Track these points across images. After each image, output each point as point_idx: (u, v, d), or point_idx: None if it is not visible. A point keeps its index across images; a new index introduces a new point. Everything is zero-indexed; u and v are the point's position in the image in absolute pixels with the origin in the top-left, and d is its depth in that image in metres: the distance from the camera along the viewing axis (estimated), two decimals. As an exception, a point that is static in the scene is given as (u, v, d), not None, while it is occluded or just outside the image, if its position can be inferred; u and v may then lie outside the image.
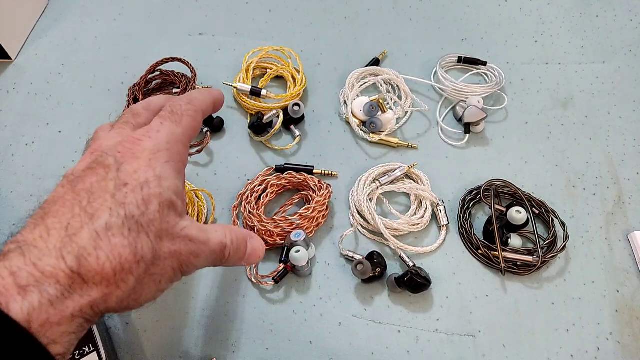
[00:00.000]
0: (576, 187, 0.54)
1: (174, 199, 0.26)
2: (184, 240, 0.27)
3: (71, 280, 0.22)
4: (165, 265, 0.26)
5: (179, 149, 0.29)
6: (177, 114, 0.30)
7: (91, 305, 0.23)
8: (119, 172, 0.25)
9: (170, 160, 0.27)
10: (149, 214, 0.25)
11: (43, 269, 0.22)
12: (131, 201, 0.24)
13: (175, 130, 0.29)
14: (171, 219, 0.26)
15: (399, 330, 0.45)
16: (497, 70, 0.62)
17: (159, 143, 0.27)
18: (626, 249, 0.50)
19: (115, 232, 0.23)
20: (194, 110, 0.31)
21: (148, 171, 0.26)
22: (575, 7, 0.69)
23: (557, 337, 0.45)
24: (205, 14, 0.68)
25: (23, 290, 0.21)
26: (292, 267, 0.46)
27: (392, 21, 0.68)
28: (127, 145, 0.27)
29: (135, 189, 0.25)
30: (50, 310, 0.21)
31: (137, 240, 0.24)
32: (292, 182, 0.52)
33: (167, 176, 0.27)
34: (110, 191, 0.24)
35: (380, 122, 0.56)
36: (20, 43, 0.65)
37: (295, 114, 0.56)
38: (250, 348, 0.44)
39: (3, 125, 0.58)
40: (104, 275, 0.23)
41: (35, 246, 0.23)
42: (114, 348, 0.44)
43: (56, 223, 0.23)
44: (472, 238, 0.49)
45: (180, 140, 0.29)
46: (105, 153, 0.26)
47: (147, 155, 0.27)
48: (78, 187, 0.25)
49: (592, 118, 0.59)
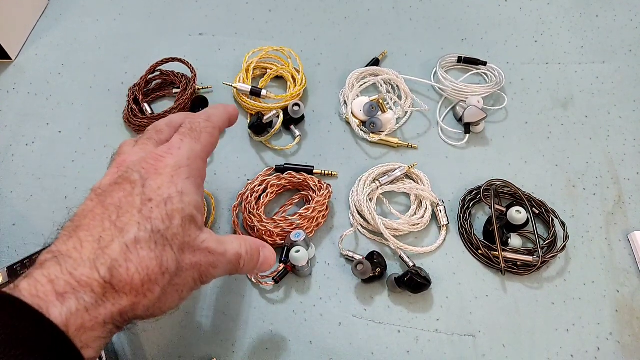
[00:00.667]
0: (576, 187, 0.54)
1: (194, 213, 0.28)
2: (203, 252, 0.29)
3: (104, 289, 0.24)
4: (187, 275, 0.28)
5: (198, 165, 0.30)
6: (196, 131, 0.31)
7: (121, 312, 0.25)
8: (144, 187, 0.27)
9: (190, 176, 0.29)
10: (172, 228, 0.26)
11: (79, 279, 0.23)
12: (157, 216, 0.26)
13: (194, 147, 0.30)
14: (192, 233, 0.28)
15: (399, 330, 0.45)
16: (497, 70, 0.62)
17: (180, 160, 0.29)
18: (626, 249, 0.50)
19: (143, 246, 0.25)
20: (211, 127, 0.33)
21: (171, 187, 0.27)
22: (575, 7, 0.69)
23: (557, 337, 0.45)
24: (205, 14, 0.68)
25: (61, 296, 0.23)
26: (292, 267, 0.46)
27: (392, 21, 0.68)
28: (151, 161, 0.28)
29: (160, 205, 0.26)
30: (85, 316, 0.23)
31: (162, 253, 0.26)
32: (292, 182, 0.52)
33: (188, 192, 0.28)
34: (137, 206, 0.26)
35: (380, 122, 0.56)
36: (20, 43, 0.65)
37: (295, 114, 0.56)
38: (250, 348, 0.44)
39: (3, 125, 0.58)
40: (133, 286, 0.25)
41: (70, 257, 0.24)
42: (114, 348, 0.44)
43: (88, 236, 0.25)
44: (472, 238, 0.49)
45: (199, 156, 0.31)
46: (131, 169, 0.28)
47: (169, 171, 0.28)
48: (107, 202, 0.27)
49: (592, 118, 0.59)
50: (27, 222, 0.51)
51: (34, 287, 0.23)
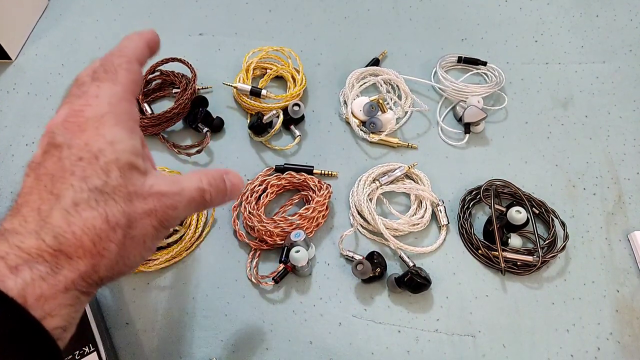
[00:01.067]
0: (576, 187, 0.54)
1: (132, 159, 0.27)
2: (155, 196, 0.27)
3: (56, 257, 0.23)
4: (144, 224, 0.27)
5: (124, 108, 0.28)
6: (110, 71, 0.29)
7: (82, 276, 0.24)
8: (71, 148, 0.26)
9: (117, 122, 0.27)
10: (111, 181, 0.25)
11: (28, 250, 0.23)
12: (90, 173, 0.25)
13: (114, 89, 0.28)
14: (136, 180, 0.26)
15: (399, 330, 0.45)
16: (497, 70, 0.62)
17: (100, 108, 0.27)
18: (626, 249, 0.50)
19: (83, 207, 0.24)
20: (126, 61, 0.30)
21: (98, 139, 0.26)
22: (575, 7, 0.69)
23: (557, 337, 0.45)
24: (205, 14, 0.68)
25: (15, 269, 0.22)
26: (292, 267, 0.46)
27: (392, 21, 0.68)
28: (71, 119, 0.27)
29: (91, 161, 0.25)
30: (42, 284, 0.23)
31: (106, 208, 0.25)
32: (292, 182, 0.52)
33: (119, 139, 0.27)
34: (69, 169, 0.25)
35: (380, 122, 0.56)
36: (20, 43, 0.65)
37: (295, 114, 0.56)
38: (250, 348, 0.44)
39: (3, 125, 0.58)
40: (85, 248, 0.24)
41: (16, 232, 0.24)
42: (114, 348, 0.44)
43: (30, 211, 0.24)
44: (472, 238, 0.49)
45: (123, 97, 0.28)
46: (54, 132, 0.27)
47: (92, 124, 0.26)
48: (40, 173, 0.26)
49: (592, 118, 0.59)
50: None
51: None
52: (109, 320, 0.46)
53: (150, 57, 0.33)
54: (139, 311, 0.46)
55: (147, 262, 0.47)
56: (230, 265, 0.49)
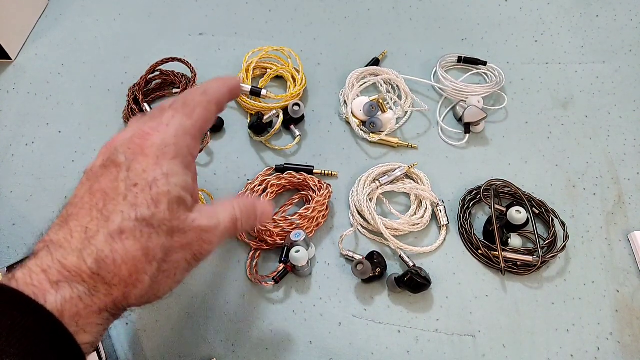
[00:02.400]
0: (576, 187, 0.54)
1: (182, 194, 0.27)
2: (195, 231, 0.28)
3: (94, 280, 0.24)
4: (178, 258, 0.27)
5: (187, 143, 0.29)
6: (189, 106, 0.30)
7: (114, 302, 0.25)
8: (129, 171, 0.26)
9: (177, 155, 0.28)
10: (158, 214, 0.26)
11: (69, 268, 0.24)
12: (142, 202, 0.26)
13: (185, 123, 0.29)
14: (181, 215, 0.27)
15: (399, 330, 0.45)
16: (497, 70, 0.62)
17: (167, 137, 0.28)
18: (626, 249, 0.50)
19: (128, 235, 0.25)
20: (207, 101, 0.31)
21: (156, 169, 0.27)
22: (575, 7, 0.69)
23: (557, 337, 0.45)
24: (205, 14, 0.68)
25: (56, 284, 0.23)
26: (292, 267, 0.46)
27: (392, 21, 0.68)
28: (137, 140, 0.27)
29: (144, 189, 0.26)
30: (79, 304, 0.24)
31: (148, 241, 0.25)
32: (292, 182, 0.52)
33: (174, 173, 0.27)
34: (122, 193, 0.26)
35: (380, 122, 0.56)
36: (20, 43, 0.65)
37: (295, 114, 0.56)
38: (250, 348, 0.44)
39: (3, 125, 0.58)
40: (121, 278, 0.25)
41: (61, 246, 0.24)
42: (114, 348, 0.44)
43: (77, 225, 0.25)
44: (472, 238, 0.49)
45: (189, 132, 0.29)
46: (117, 150, 0.27)
47: (154, 151, 0.27)
48: (94, 188, 0.26)
49: (592, 118, 0.59)
50: (27, 222, 0.51)
51: (29, 276, 0.23)
52: (109, 320, 0.46)
53: (229, 102, 0.34)
54: (139, 311, 0.46)
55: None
56: (230, 265, 0.49)
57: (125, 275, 0.25)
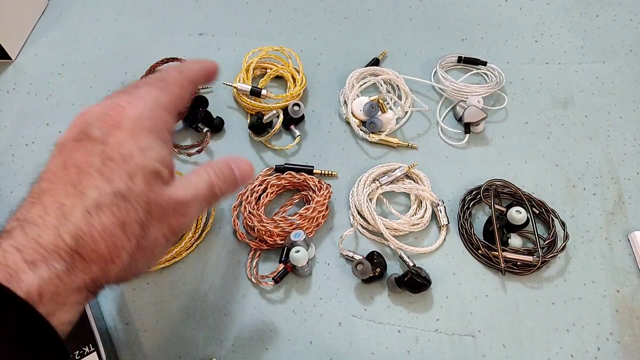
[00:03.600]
0: (576, 187, 0.54)
1: (158, 168, 0.27)
2: (171, 205, 0.27)
3: (72, 257, 0.23)
4: (156, 234, 0.27)
5: (163, 117, 0.28)
6: (165, 82, 0.29)
7: (93, 280, 0.24)
8: (105, 145, 0.26)
9: (153, 129, 0.27)
10: (135, 188, 0.25)
11: (46, 246, 0.23)
12: (117, 176, 0.25)
13: (160, 97, 0.29)
14: (157, 189, 0.27)
15: (399, 330, 0.45)
16: (497, 70, 0.62)
17: (142, 111, 0.27)
18: (626, 249, 0.50)
19: (105, 210, 0.24)
20: (182, 78, 0.30)
21: (132, 143, 0.26)
22: (575, 6, 0.69)
23: (557, 337, 0.45)
24: (205, 14, 0.68)
25: (32, 264, 0.23)
26: (292, 267, 0.46)
27: (392, 21, 0.68)
28: (111, 113, 0.27)
29: (120, 164, 0.25)
30: (58, 282, 0.23)
31: (125, 216, 0.25)
32: (292, 182, 0.52)
33: (151, 146, 0.27)
34: (98, 167, 0.25)
35: (380, 122, 0.56)
36: (20, 43, 0.65)
37: (295, 114, 0.56)
38: (250, 348, 0.44)
39: (3, 125, 0.58)
40: (99, 254, 0.24)
41: (35, 224, 0.24)
42: (114, 348, 0.44)
43: (52, 202, 0.24)
44: (472, 238, 0.49)
45: (164, 107, 0.29)
46: (91, 124, 0.27)
47: (130, 124, 0.26)
48: (68, 163, 0.26)
49: (592, 118, 0.59)
50: (27, 222, 0.51)
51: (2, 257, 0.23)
52: (109, 320, 0.46)
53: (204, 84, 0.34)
54: (139, 311, 0.46)
55: (147, 262, 0.47)
56: (230, 265, 0.49)
57: (104, 251, 0.24)
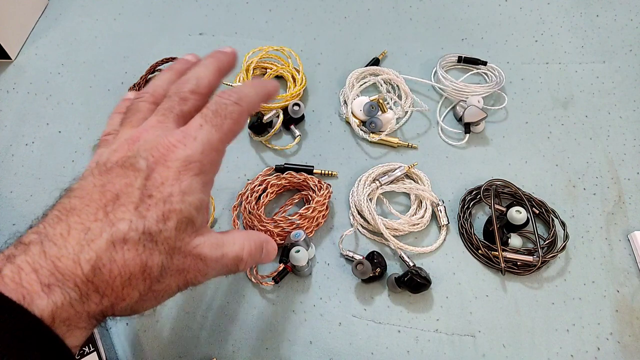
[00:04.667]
0: (576, 187, 0.54)
1: (193, 215, 0.26)
2: (195, 258, 0.27)
3: (87, 287, 0.23)
4: (171, 282, 0.26)
5: (212, 158, 0.28)
6: (220, 116, 0.28)
7: (102, 311, 0.24)
8: (147, 180, 0.25)
9: (200, 172, 0.27)
10: (165, 232, 0.25)
11: (63, 271, 0.23)
12: (152, 215, 0.25)
13: (212, 136, 0.27)
14: (186, 236, 0.26)
15: (398, 330, 0.45)
16: (497, 69, 0.62)
17: (192, 153, 0.26)
18: (626, 249, 0.50)
19: (130, 247, 0.24)
20: (239, 112, 0.29)
21: (174, 185, 0.26)
22: (575, 6, 0.69)
23: (557, 337, 0.45)
24: (205, 14, 0.68)
25: (47, 287, 0.22)
26: (292, 267, 0.46)
27: (392, 21, 0.68)
28: (162, 149, 0.26)
29: (158, 203, 0.25)
30: (70, 310, 0.23)
31: (148, 258, 0.24)
32: (292, 182, 0.52)
33: (192, 191, 0.26)
34: (135, 201, 0.25)
35: (380, 122, 0.56)
36: (20, 43, 0.65)
37: (295, 114, 0.56)
38: (250, 348, 0.44)
39: (3, 125, 0.58)
40: (114, 288, 0.24)
41: (56, 244, 0.23)
42: (114, 348, 0.44)
43: (78, 223, 0.24)
44: (472, 238, 0.49)
45: (215, 148, 0.28)
46: (139, 153, 0.26)
47: (178, 165, 0.26)
48: (106, 187, 0.25)
49: (592, 118, 0.59)
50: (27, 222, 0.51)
51: (18, 275, 0.22)
52: (109, 320, 0.46)
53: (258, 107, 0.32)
54: (139, 311, 0.46)
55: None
56: (230, 265, 0.49)
57: (118, 287, 0.24)
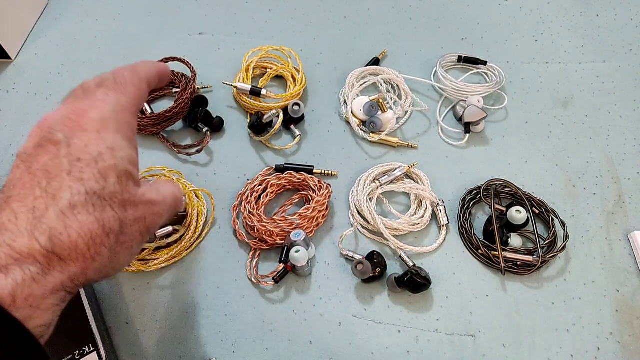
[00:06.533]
0: (576, 187, 0.54)
1: (129, 168, 0.27)
2: (146, 205, 0.28)
3: (48, 259, 0.23)
4: (133, 231, 0.27)
5: (127, 118, 0.29)
6: (121, 84, 0.29)
7: (71, 279, 0.24)
8: (70, 147, 0.25)
9: (119, 130, 0.27)
10: (109, 187, 0.25)
11: (19, 250, 0.23)
12: (89, 176, 0.25)
13: (120, 99, 0.29)
14: (131, 188, 0.27)
15: (399, 330, 0.45)
16: (497, 69, 0.62)
17: (105, 113, 0.27)
18: (626, 249, 0.50)
19: (80, 210, 0.24)
20: (138, 78, 0.30)
21: (99, 143, 0.26)
22: (575, 6, 0.69)
23: (557, 337, 0.45)
24: (205, 14, 0.68)
25: (5, 268, 0.22)
26: (292, 267, 0.46)
27: (392, 21, 0.68)
28: (73, 117, 0.27)
29: (90, 164, 0.25)
30: (33, 285, 0.23)
31: (102, 214, 0.25)
32: (292, 182, 0.52)
33: (119, 146, 0.27)
34: (66, 169, 0.25)
35: (380, 122, 0.56)
36: (20, 43, 0.65)
37: (295, 114, 0.56)
38: (250, 348, 0.44)
39: (3, 125, 0.58)
40: (78, 252, 0.24)
41: (6, 229, 0.23)
42: (114, 348, 0.44)
43: (21, 206, 0.24)
44: (472, 238, 0.49)
45: (127, 109, 0.29)
46: (53, 128, 0.26)
47: (95, 126, 0.26)
48: (33, 168, 0.25)
49: (592, 117, 0.59)
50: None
51: None
52: (109, 320, 0.46)
53: (157, 87, 0.34)
54: (139, 311, 0.46)
55: (146, 262, 0.47)
56: (230, 265, 0.49)
57: (83, 249, 0.24)
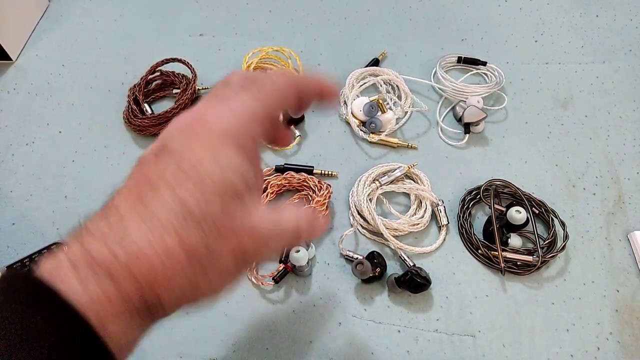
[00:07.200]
0: (576, 187, 0.54)
1: (241, 190, 0.24)
2: (251, 237, 0.25)
3: (123, 276, 0.22)
4: (227, 262, 0.24)
5: (253, 132, 0.25)
6: (264, 91, 0.26)
7: (146, 304, 0.23)
8: (181, 161, 0.23)
9: (239, 146, 0.24)
10: (209, 212, 0.23)
11: (99, 261, 0.21)
12: (190, 196, 0.23)
13: (254, 106, 0.25)
14: (238, 215, 0.24)
15: (398, 330, 0.45)
16: (496, 70, 0.62)
17: (229, 125, 0.24)
18: (626, 249, 0.50)
19: (170, 232, 0.22)
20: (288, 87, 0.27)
21: (211, 160, 0.23)
22: (575, 7, 0.69)
23: (557, 337, 0.45)
24: (205, 15, 0.69)
25: (83, 279, 0.21)
26: (292, 267, 0.46)
27: (392, 21, 0.68)
28: (195, 125, 0.24)
29: (197, 184, 0.23)
30: (104, 300, 0.21)
31: (192, 239, 0.22)
32: (292, 182, 0.52)
33: (234, 166, 0.24)
34: (170, 184, 0.23)
35: (380, 122, 0.56)
36: (20, 44, 0.65)
37: (295, 114, 0.56)
38: (250, 348, 0.44)
39: (3, 125, 0.58)
40: (155, 276, 0.22)
41: (94, 237, 0.22)
42: (114, 348, 0.44)
43: (118, 219, 0.23)
44: (472, 238, 0.49)
45: (257, 118, 0.25)
46: (172, 134, 0.24)
47: (214, 139, 0.24)
48: (143, 178, 0.24)
49: (592, 118, 0.59)
50: (27, 222, 0.51)
51: (54, 267, 0.21)
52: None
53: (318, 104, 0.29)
54: (139, 311, 0.46)
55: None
56: (230, 265, 0.49)
57: (160, 273, 0.22)
